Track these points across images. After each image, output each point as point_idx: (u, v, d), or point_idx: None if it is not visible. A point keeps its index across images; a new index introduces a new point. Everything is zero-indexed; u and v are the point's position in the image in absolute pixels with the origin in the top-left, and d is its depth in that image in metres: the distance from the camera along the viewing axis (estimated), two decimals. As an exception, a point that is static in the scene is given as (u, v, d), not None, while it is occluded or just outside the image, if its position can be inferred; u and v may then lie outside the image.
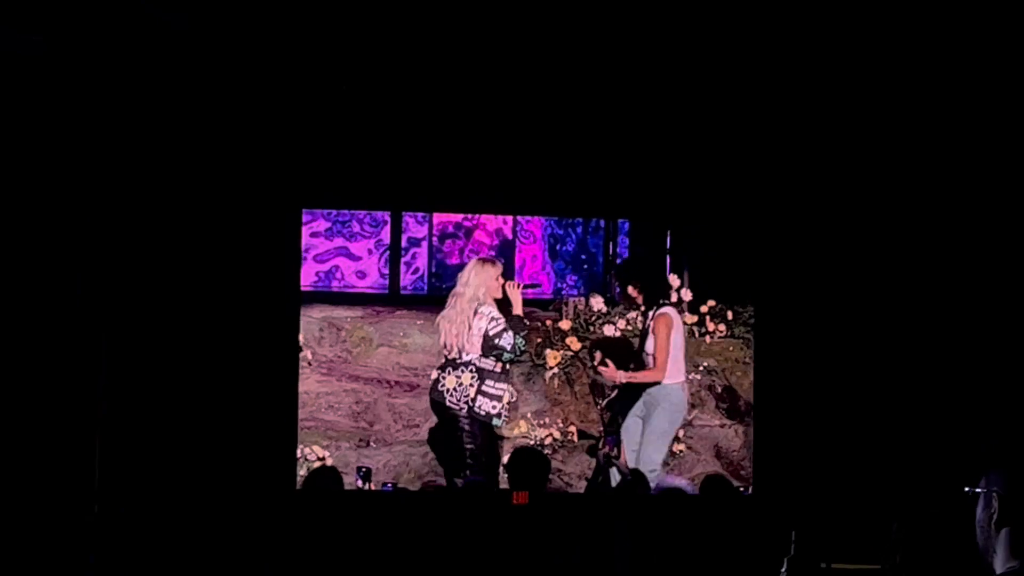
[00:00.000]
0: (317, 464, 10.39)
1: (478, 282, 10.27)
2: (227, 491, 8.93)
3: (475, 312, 10.29)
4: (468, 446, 10.16)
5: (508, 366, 10.33)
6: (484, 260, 10.44)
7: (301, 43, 9.01)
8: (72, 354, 8.72)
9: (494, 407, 10.27)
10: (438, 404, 10.32)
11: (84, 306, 8.74)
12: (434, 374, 10.42)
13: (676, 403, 10.26)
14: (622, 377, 10.30)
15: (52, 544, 8.48)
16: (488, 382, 10.25)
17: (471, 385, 10.23)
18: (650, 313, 10.36)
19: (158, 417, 8.86)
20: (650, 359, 10.31)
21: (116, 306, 8.84)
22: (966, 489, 8.32)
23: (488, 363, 10.26)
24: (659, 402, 10.21)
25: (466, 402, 10.22)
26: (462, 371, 10.26)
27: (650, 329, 10.31)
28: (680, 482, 9.07)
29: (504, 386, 10.32)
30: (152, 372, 8.89)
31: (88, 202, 8.76)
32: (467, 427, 10.20)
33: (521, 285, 10.39)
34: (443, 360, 10.40)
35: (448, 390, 10.27)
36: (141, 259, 8.91)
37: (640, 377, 10.27)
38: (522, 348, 10.27)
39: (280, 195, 9.27)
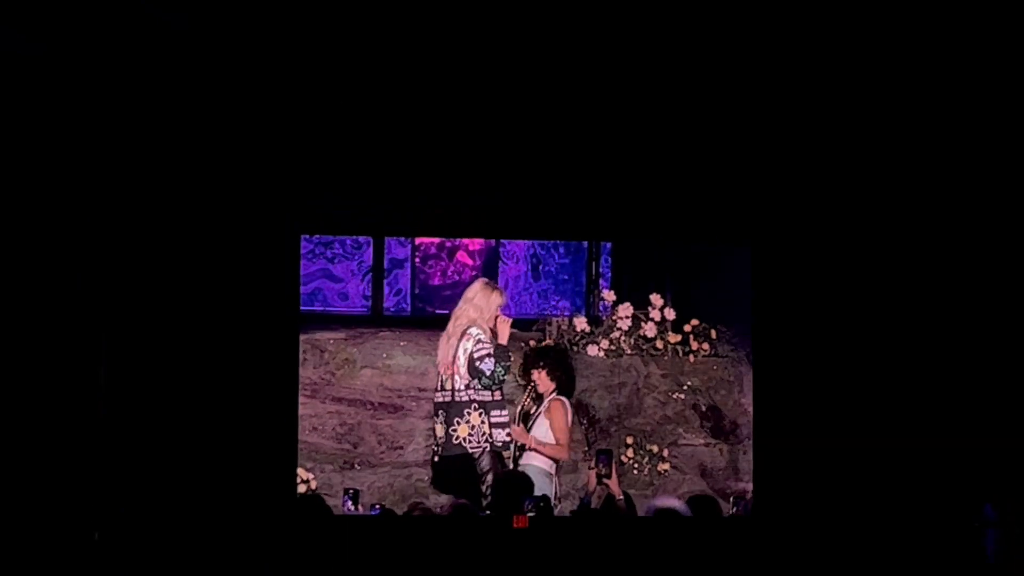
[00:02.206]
0: (301, 486, 10.27)
1: (482, 304, 10.25)
2: (227, 504, 8.82)
3: (463, 333, 10.26)
4: (483, 484, 10.15)
5: (502, 392, 10.33)
6: (493, 286, 10.44)
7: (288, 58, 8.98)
8: (72, 356, 8.61)
9: (508, 434, 10.29)
10: (457, 458, 10.26)
11: (84, 308, 8.64)
12: (439, 430, 10.35)
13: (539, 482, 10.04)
14: (532, 442, 10.30)
15: (51, 544, 8.34)
16: (493, 412, 10.25)
17: (482, 422, 10.20)
18: (547, 398, 10.39)
19: (157, 420, 8.75)
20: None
21: (116, 314, 8.74)
22: (975, 524, 8.40)
23: (485, 395, 10.25)
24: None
25: (486, 440, 10.21)
26: (467, 414, 10.22)
27: (542, 412, 10.36)
28: (673, 503, 8.99)
29: (506, 411, 10.30)
30: (152, 378, 8.79)
31: (88, 202, 8.68)
32: (485, 464, 10.21)
33: (510, 320, 10.37)
34: (435, 410, 10.38)
35: (464, 438, 10.23)
36: (140, 263, 8.82)
37: (546, 449, 10.29)
38: (501, 377, 10.24)
39: (280, 219, 9.21)
